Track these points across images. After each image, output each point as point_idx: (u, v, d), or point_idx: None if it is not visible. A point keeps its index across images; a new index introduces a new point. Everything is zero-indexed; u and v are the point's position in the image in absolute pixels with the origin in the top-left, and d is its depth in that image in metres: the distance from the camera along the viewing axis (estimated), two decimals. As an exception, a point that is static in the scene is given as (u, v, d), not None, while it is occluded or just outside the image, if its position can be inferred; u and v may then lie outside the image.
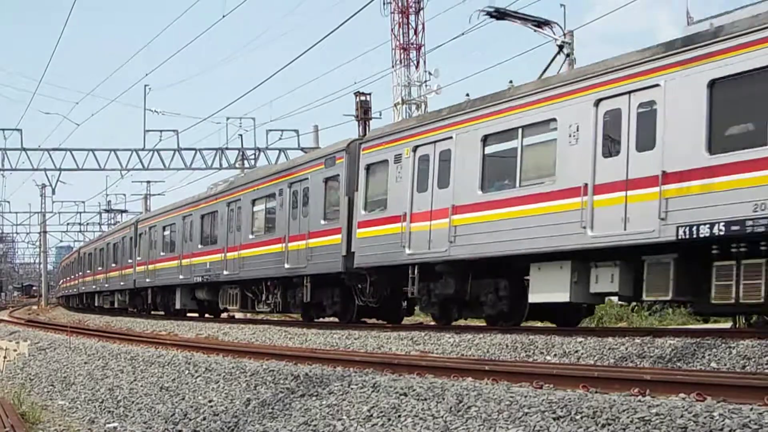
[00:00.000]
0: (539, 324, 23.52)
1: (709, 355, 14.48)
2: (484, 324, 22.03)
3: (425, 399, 10.65)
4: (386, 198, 24.49)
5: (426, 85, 60.97)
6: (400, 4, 63.84)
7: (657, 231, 16.71)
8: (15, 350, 28.19)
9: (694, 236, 16.06)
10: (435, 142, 22.88)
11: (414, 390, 11.07)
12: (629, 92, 17.80)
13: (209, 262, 36.52)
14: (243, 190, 34.35)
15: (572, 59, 29.85)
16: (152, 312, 46.65)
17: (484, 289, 21.91)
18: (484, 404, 9.81)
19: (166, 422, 14.15)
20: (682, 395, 9.40)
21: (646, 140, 17.29)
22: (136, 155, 43.77)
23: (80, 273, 71.14)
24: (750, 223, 15.08)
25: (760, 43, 15.39)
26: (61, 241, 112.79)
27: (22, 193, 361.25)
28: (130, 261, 49.95)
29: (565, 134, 19.13)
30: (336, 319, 28.57)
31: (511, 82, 21.72)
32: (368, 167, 25.59)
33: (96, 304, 63.53)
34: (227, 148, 44.14)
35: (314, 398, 12.22)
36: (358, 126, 51.09)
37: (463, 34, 33.44)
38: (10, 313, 75.74)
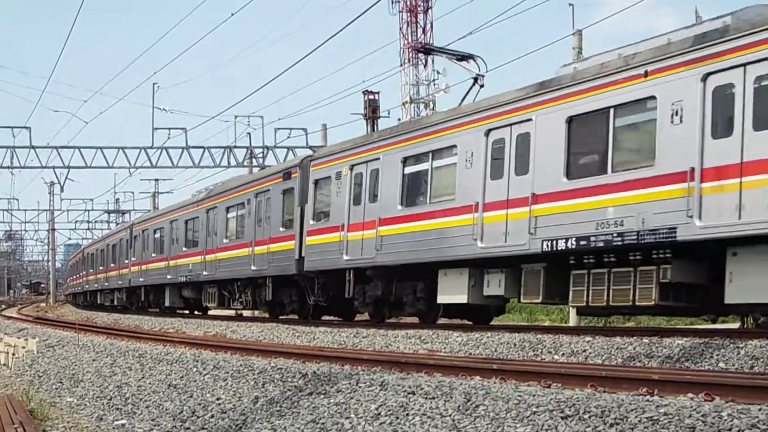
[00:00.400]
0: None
1: (717, 355, 14.47)
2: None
3: (433, 398, 10.66)
4: (329, 210, 27.86)
5: (434, 84, 60.98)
6: (408, 3, 63.86)
7: (528, 244, 19.75)
8: (23, 347, 28.26)
9: (554, 249, 19.15)
10: (367, 162, 26.08)
11: (422, 389, 11.07)
12: (510, 124, 20.78)
13: (191, 264, 40.15)
14: (219, 199, 37.92)
15: (581, 57, 30.03)
16: (148, 309, 49.48)
17: (405, 291, 25.00)
18: (492, 403, 9.81)
19: (174, 420, 14.17)
20: (690, 395, 9.39)
21: (522, 166, 20.29)
22: (145, 153, 43.75)
23: (84, 272, 74.75)
24: (593, 239, 18.17)
25: (600, 88, 18.62)
26: (69, 238, 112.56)
27: (30, 191, 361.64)
28: (126, 261, 53.38)
29: (463, 159, 22.20)
30: (338, 318, 31.00)
31: (434, 110, 25.60)
32: (316, 182, 29.00)
33: (98, 302, 66.63)
34: (235, 147, 44.15)
35: (322, 396, 12.23)
36: (367, 125, 51.11)
37: (470, 33, 34.64)
38: (19, 310, 75.87)
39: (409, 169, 24.52)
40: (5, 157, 43.47)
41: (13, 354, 28.33)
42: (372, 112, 52.16)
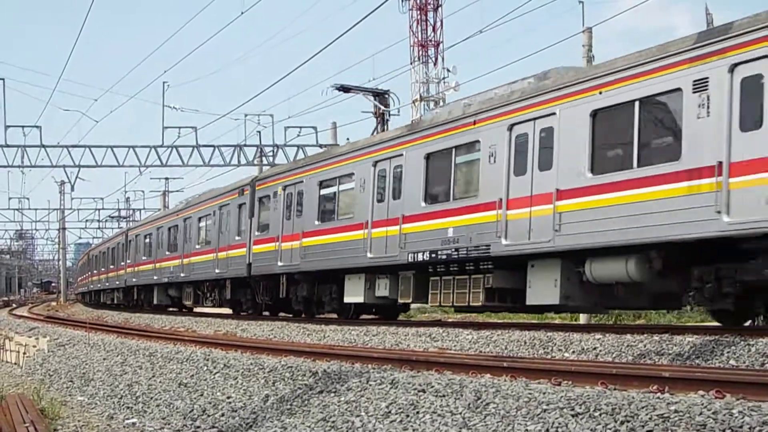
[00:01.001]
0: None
1: (727, 352, 14.43)
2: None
3: (443, 395, 10.66)
4: (269, 223, 32.58)
5: (444, 82, 60.95)
6: (418, 1, 63.83)
7: (399, 256, 24.10)
8: (34, 346, 28.34)
9: (416, 260, 23.56)
10: (294, 183, 30.82)
11: (432, 386, 11.07)
12: (390, 158, 25.54)
13: (172, 266, 44.79)
14: (193, 210, 43.29)
15: (591, 57, 29.99)
16: (142, 307, 53.65)
17: (324, 292, 29.45)
18: (502, 401, 9.81)
19: (184, 418, 14.19)
20: (701, 392, 9.37)
21: (397, 193, 24.98)
22: (155, 152, 43.62)
23: (89, 273, 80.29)
24: (440, 253, 22.65)
25: (446, 131, 23.40)
26: (80, 237, 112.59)
27: (41, 190, 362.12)
28: (122, 263, 58.24)
29: (359, 185, 26.60)
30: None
31: (348, 139, 29.63)
32: (260, 199, 33.87)
33: (101, 300, 71.77)
34: (246, 145, 44.00)
35: (332, 394, 12.24)
36: (377, 123, 51.07)
37: (481, 32, 34.80)
38: (30, 309, 76.03)
39: (323, 191, 29.07)
40: (16, 156, 43.40)
41: (24, 353, 28.42)
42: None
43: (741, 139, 15.90)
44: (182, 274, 42.95)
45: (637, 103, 17.86)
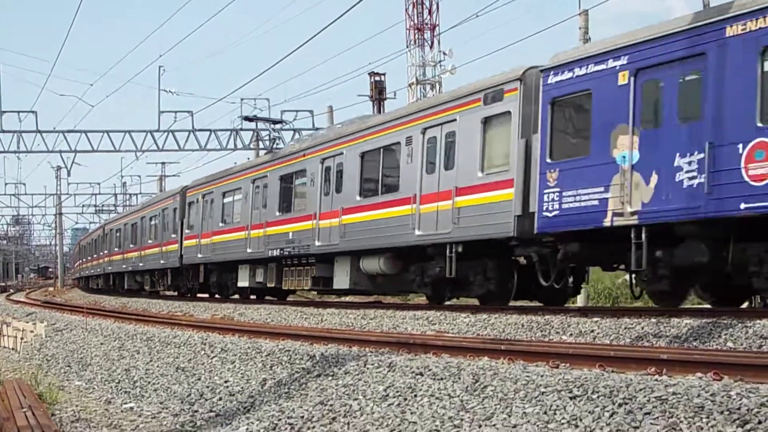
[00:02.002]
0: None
1: (725, 334, 14.43)
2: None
3: (441, 378, 10.65)
4: (194, 224, 41.84)
5: (440, 65, 60.87)
6: (414, -16, 63.60)
7: (264, 251, 32.94)
8: (32, 331, 28.35)
9: (274, 255, 32.28)
10: (205, 194, 40.51)
11: (430, 370, 11.07)
12: (256, 179, 35.35)
13: (134, 257, 53.63)
14: (146, 210, 53.10)
15: (588, 39, 30.01)
16: (117, 291, 61.98)
17: (228, 279, 38.57)
18: (500, 384, 9.80)
19: (182, 402, 14.20)
20: (698, 374, 9.36)
21: (259, 204, 34.79)
22: (151, 136, 43.59)
23: (80, 261, 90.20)
24: (286, 249, 31.15)
25: (290, 160, 32.56)
26: (76, 222, 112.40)
27: (37, 176, 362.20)
28: (102, 253, 67.42)
29: (243, 196, 36.10)
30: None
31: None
32: (189, 204, 43.04)
33: (89, 285, 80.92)
34: (242, 129, 44.03)
35: (330, 378, 12.24)
36: (373, 106, 51.05)
37: (477, 15, 35.45)
38: (27, 294, 76.08)
39: (225, 200, 38.42)
40: (12, 141, 43.41)
41: (22, 338, 28.42)
42: (378, 93, 52.15)
43: (425, 179, 23.56)
44: (141, 264, 52.02)
45: (381, 150, 26.10)
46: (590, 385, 8.88)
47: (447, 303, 24.60)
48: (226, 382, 14.46)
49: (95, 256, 71.93)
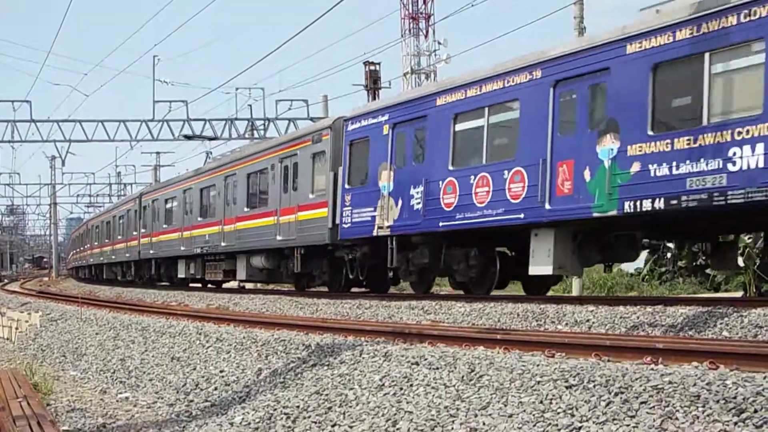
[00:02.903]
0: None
1: (720, 323, 14.45)
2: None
3: (437, 368, 10.65)
4: (146, 224, 49.52)
5: (435, 55, 60.83)
6: (409, -27, 63.46)
7: (192, 249, 40.05)
8: (27, 321, 28.30)
9: (196, 252, 39.65)
10: (154, 200, 48.44)
11: (426, 359, 11.06)
12: (184, 189, 43.70)
13: (108, 250, 62.20)
14: (116, 211, 61.05)
15: (583, 28, 29.95)
16: (101, 280, 69.35)
17: (170, 270, 46.47)
18: (496, 373, 9.80)
19: (177, 392, 14.19)
20: (694, 364, 9.36)
21: (177, 216, 44.69)
22: (146, 126, 43.59)
23: (72, 252, 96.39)
24: (204, 248, 38.31)
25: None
26: (71, 212, 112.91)
27: (32, 165, 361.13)
28: (85, 247, 77.10)
29: (180, 202, 43.29)
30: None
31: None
32: (144, 207, 50.45)
33: (79, 275, 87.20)
34: (237, 119, 43.98)
35: (326, 368, 12.23)
36: (368, 95, 50.96)
37: (472, 5, 35.42)
38: (22, 284, 76.03)
39: (167, 205, 45.72)
40: (6, 131, 43.40)
41: (17, 328, 28.37)
42: (373, 82, 52.05)
43: (283, 197, 30.51)
44: (113, 257, 60.26)
45: (258, 172, 33.16)
46: (586, 375, 8.88)
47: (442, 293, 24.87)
48: (221, 371, 14.45)
49: (81, 248, 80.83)
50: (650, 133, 17.29)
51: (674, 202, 16.74)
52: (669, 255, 45.06)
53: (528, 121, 20.16)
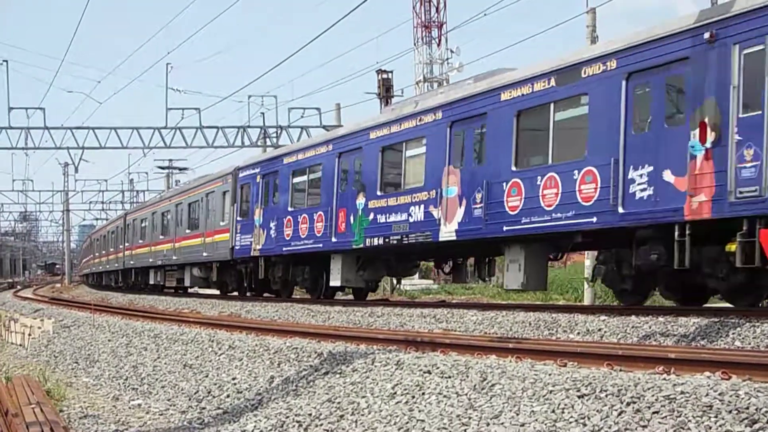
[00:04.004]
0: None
1: (733, 333, 14.42)
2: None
3: (449, 377, 10.66)
4: (128, 239, 57.34)
5: (448, 63, 60.85)
6: (421, -18, 63.49)
7: (155, 261, 48.17)
8: (39, 328, 28.38)
9: (159, 264, 48.12)
10: (135, 218, 56.48)
11: (438, 368, 11.08)
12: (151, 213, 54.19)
13: (104, 261, 70.38)
14: (110, 226, 70.34)
15: (595, 37, 29.91)
16: (101, 286, 75.70)
17: (144, 278, 53.65)
18: (508, 382, 9.81)
19: (189, 399, 14.23)
20: (707, 374, 9.35)
21: (143, 234, 54.57)
22: (159, 133, 43.66)
23: (84, 261, 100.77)
24: (158, 261, 47.90)
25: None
26: (84, 219, 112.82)
27: (45, 172, 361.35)
28: (91, 256, 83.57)
29: (148, 222, 52.32)
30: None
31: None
32: (127, 225, 58.57)
33: (89, 282, 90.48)
34: (249, 126, 44.04)
35: (338, 376, 12.25)
36: (380, 103, 50.97)
37: (485, 14, 35.73)
38: (34, 291, 76.17)
39: (141, 224, 53.66)
40: (20, 138, 43.51)
41: (30, 334, 28.45)
42: (385, 90, 52.05)
43: (207, 222, 38.62)
44: (107, 266, 68.91)
45: (197, 201, 40.64)
46: (598, 384, 8.88)
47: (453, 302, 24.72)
48: (233, 379, 14.48)
49: (89, 258, 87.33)
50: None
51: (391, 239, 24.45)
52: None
53: (326, 180, 28.29)
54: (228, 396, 13.69)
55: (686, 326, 15.28)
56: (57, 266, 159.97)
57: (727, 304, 19.36)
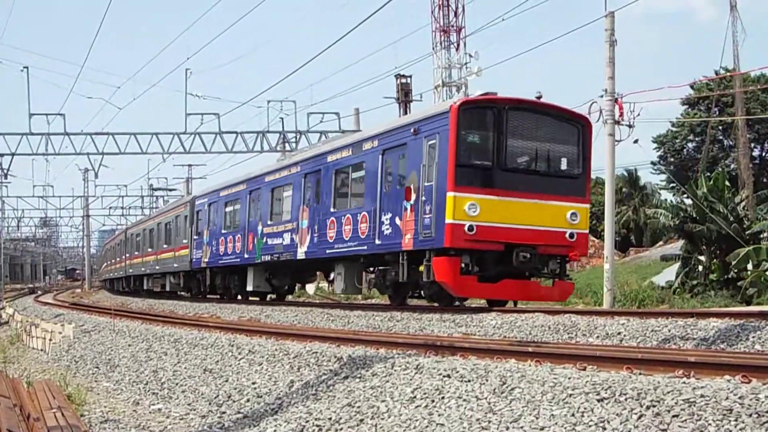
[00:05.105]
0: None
1: (753, 337, 14.38)
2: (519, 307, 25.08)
3: (469, 381, 10.67)
4: (127, 251, 65.86)
5: (466, 68, 60.77)
6: (440, -13, 63.42)
7: (139, 270, 59.18)
8: (60, 333, 28.49)
9: (141, 273, 58.96)
10: (132, 233, 64.29)
11: (457, 372, 11.09)
12: (139, 229, 64.27)
13: (113, 268, 77.61)
14: (117, 238, 77.28)
15: (614, 41, 29.92)
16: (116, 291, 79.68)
17: (139, 284, 60.52)
18: (527, 386, 9.81)
19: (210, 404, 14.26)
20: (726, 377, 9.34)
21: (136, 247, 63.82)
22: (178, 139, 43.66)
23: (103, 267, 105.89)
24: (148, 269, 56.19)
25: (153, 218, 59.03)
26: (103, 224, 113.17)
27: (65, 178, 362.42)
28: (105, 264, 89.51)
29: (133, 239, 64.64)
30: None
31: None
32: (128, 237, 64.97)
33: (105, 287, 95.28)
34: (268, 131, 43.96)
35: (358, 380, 12.27)
36: (399, 108, 51.03)
37: (503, 19, 36.06)
38: (55, 296, 76.43)
39: (135, 239, 62.06)
40: (40, 144, 43.57)
41: (50, 339, 28.56)
42: (404, 95, 52.13)
43: (176, 239, 47.43)
44: (114, 273, 76.78)
45: (169, 222, 49.42)
46: (618, 388, 8.88)
47: (473, 306, 24.85)
48: (253, 383, 14.51)
49: (106, 265, 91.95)
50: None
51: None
52: (700, 268, 44.89)
53: (242, 210, 37.45)
54: (248, 400, 13.72)
55: (706, 330, 15.25)
56: (77, 271, 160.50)
57: (748, 308, 19.32)
